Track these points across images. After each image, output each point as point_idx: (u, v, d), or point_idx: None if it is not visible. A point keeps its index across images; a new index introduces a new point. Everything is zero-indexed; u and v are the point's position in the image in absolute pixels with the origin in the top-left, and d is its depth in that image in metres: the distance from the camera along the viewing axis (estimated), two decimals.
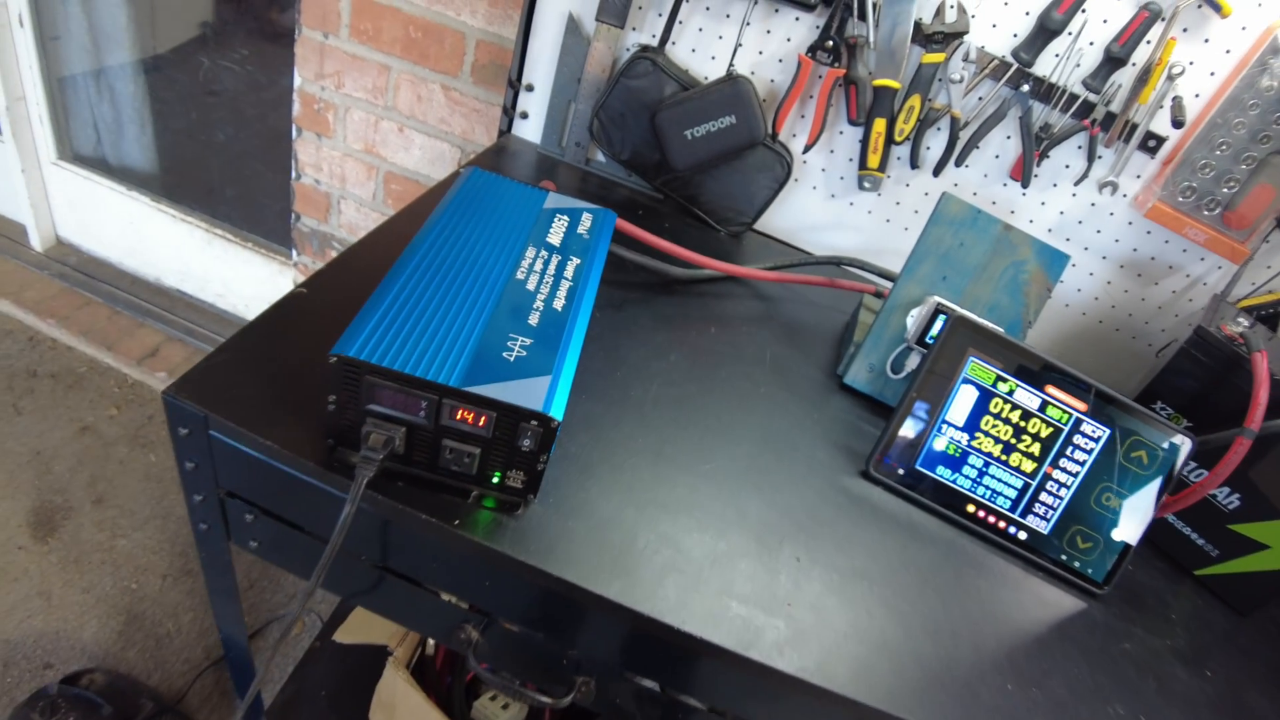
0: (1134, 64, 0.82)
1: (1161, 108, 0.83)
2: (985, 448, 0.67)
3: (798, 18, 0.90)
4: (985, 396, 0.66)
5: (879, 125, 0.91)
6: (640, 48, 0.95)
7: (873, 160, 0.94)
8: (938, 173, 0.94)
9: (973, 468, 0.67)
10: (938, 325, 0.74)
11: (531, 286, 0.57)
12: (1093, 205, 0.92)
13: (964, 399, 0.66)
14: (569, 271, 0.60)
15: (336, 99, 1.26)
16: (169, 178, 1.68)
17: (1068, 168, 0.90)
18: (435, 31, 1.13)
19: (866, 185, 0.96)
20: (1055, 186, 0.92)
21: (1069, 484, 0.66)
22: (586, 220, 0.67)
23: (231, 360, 0.56)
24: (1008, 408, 0.66)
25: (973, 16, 0.85)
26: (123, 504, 1.41)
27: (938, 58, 0.86)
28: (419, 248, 0.57)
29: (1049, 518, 0.67)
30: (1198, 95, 0.83)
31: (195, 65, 1.53)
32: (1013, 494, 0.67)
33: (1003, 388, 0.66)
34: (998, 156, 0.92)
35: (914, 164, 0.94)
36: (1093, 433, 0.65)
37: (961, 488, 0.67)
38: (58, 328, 1.65)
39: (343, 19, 1.17)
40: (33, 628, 1.20)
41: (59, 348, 1.65)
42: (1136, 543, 0.66)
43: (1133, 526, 0.66)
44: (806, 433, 0.71)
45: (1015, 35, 0.85)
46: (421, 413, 0.48)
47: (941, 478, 0.68)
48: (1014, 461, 0.66)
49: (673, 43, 0.95)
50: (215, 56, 1.49)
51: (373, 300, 0.51)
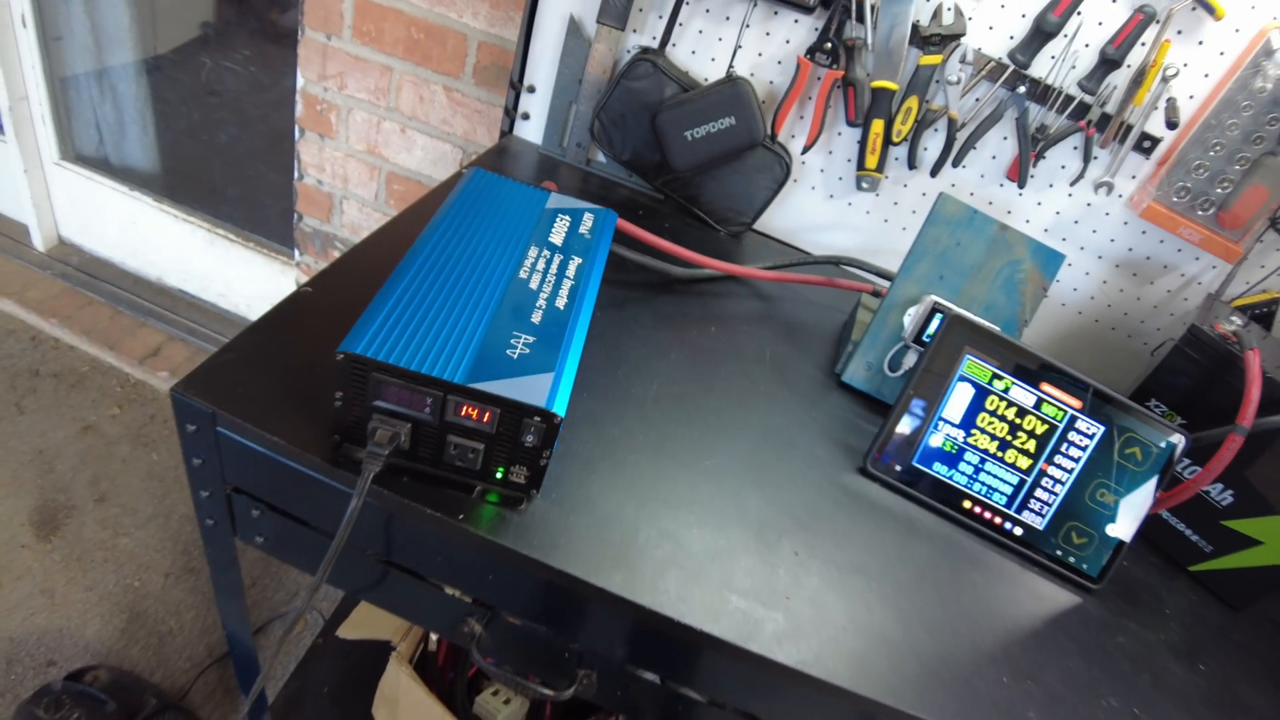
0: (1129, 66, 0.83)
1: (1156, 109, 0.84)
2: (981, 444, 0.67)
3: (796, 20, 0.91)
4: (981, 394, 0.67)
5: (877, 126, 0.92)
6: (641, 49, 0.96)
7: (871, 161, 0.94)
8: (935, 173, 0.94)
9: (969, 464, 0.68)
10: (934, 324, 0.74)
11: (534, 285, 0.57)
12: (1088, 205, 0.93)
13: (960, 396, 0.67)
14: (571, 271, 0.60)
15: (339, 100, 1.26)
16: (171, 178, 1.68)
17: (1063, 168, 0.91)
18: (437, 33, 1.14)
19: (864, 185, 0.97)
20: (1051, 187, 0.93)
21: (1064, 480, 0.67)
22: (588, 220, 0.68)
23: (238, 358, 0.57)
24: (1003, 405, 0.67)
25: (970, 19, 0.86)
26: (125, 503, 1.41)
27: (935, 59, 0.87)
28: (423, 247, 0.57)
29: (1044, 514, 0.67)
30: (1192, 97, 0.84)
31: (197, 66, 1.53)
32: (1008, 490, 0.68)
33: (998, 385, 0.67)
34: (994, 157, 0.93)
35: (911, 164, 0.95)
36: (1087, 430, 0.66)
37: (958, 484, 0.68)
38: (60, 327, 1.65)
39: (345, 20, 1.17)
40: (36, 625, 1.20)
41: (61, 347, 1.66)
42: (1131, 539, 0.66)
43: (1127, 523, 0.66)
44: (805, 430, 0.72)
45: (1012, 37, 0.86)
46: (427, 409, 0.48)
47: (938, 474, 0.68)
48: (1009, 458, 0.67)
49: (673, 45, 0.96)
50: (217, 57, 1.49)
51: (378, 298, 0.51)
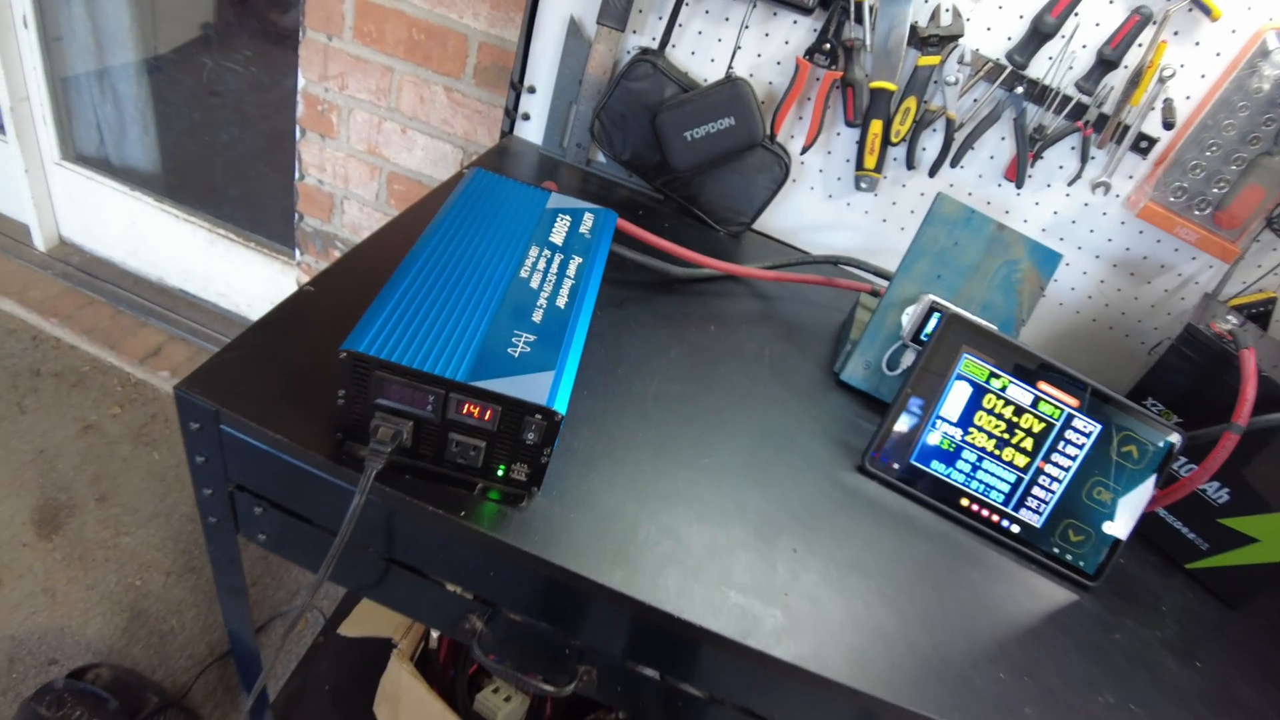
0: (1126, 66, 0.83)
1: (1153, 109, 0.85)
2: (979, 443, 0.68)
3: (795, 21, 0.92)
4: (979, 392, 0.67)
5: (875, 127, 0.92)
6: (641, 50, 0.97)
7: (869, 161, 0.95)
8: (933, 173, 0.95)
9: (966, 462, 0.68)
10: (932, 323, 0.75)
11: (535, 285, 0.58)
12: (1086, 205, 0.93)
13: (958, 395, 0.67)
14: (571, 270, 0.61)
15: (340, 100, 1.27)
16: (172, 178, 1.69)
17: (1061, 168, 0.92)
18: (438, 34, 1.14)
19: (863, 186, 0.98)
20: (1049, 187, 0.93)
21: (1061, 478, 0.67)
22: (588, 220, 0.69)
23: (241, 356, 0.57)
24: (1001, 404, 0.67)
25: (967, 20, 0.86)
26: (126, 502, 1.42)
27: (933, 60, 0.87)
28: (425, 247, 0.58)
29: (1041, 511, 0.68)
30: (1188, 97, 0.84)
31: (198, 66, 1.54)
32: (1006, 488, 0.68)
33: (996, 384, 0.67)
34: (992, 157, 0.94)
35: (910, 165, 0.95)
36: (1084, 428, 0.66)
37: (955, 482, 0.69)
38: (61, 327, 1.66)
39: (346, 21, 1.18)
40: (37, 624, 1.21)
41: (62, 347, 1.66)
42: (1127, 537, 0.67)
43: (1123, 521, 0.67)
44: (804, 428, 0.72)
45: (1009, 38, 0.86)
46: (429, 407, 0.49)
47: (936, 472, 0.69)
48: (1007, 456, 0.68)
49: (673, 45, 0.97)
50: (218, 57, 1.50)
51: (381, 297, 0.52)
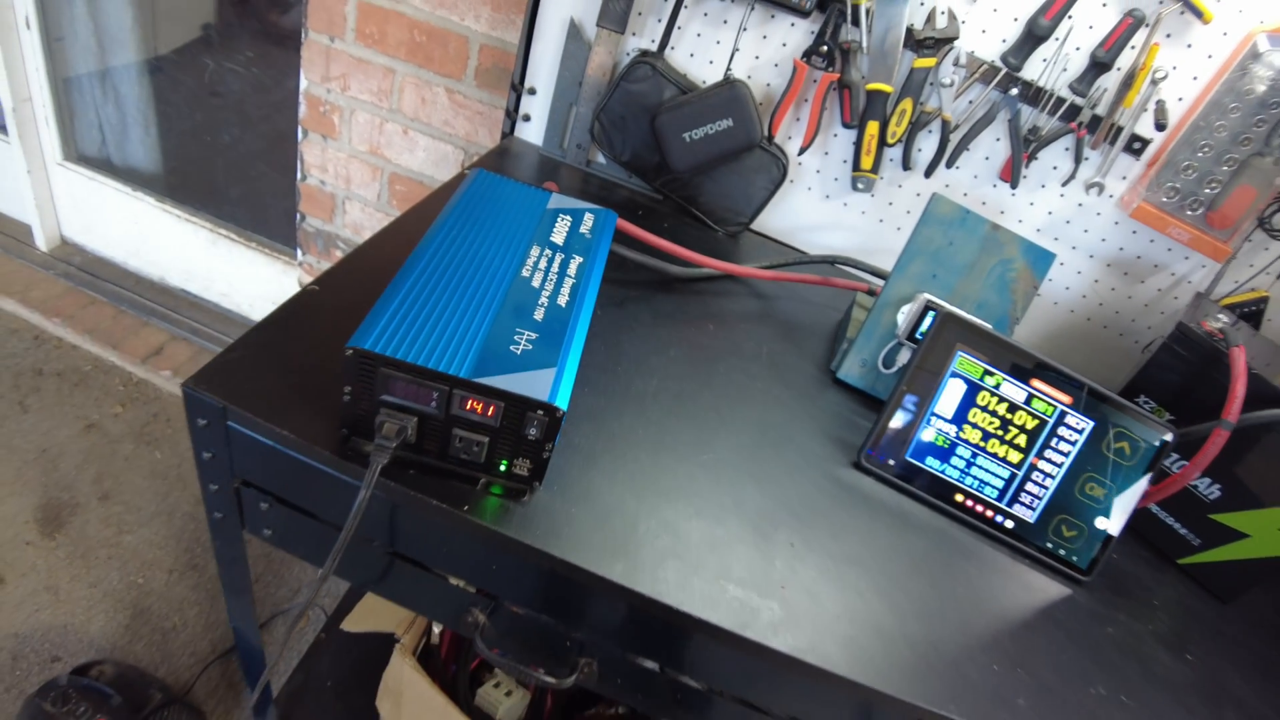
0: (1119, 69, 0.84)
1: (1145, 111, 0.86)
2: (973, 439, 0.69)
3: (793, 23, 0.93)
4: (973, 390, 0.68)
5: (872, 128, 0.93)
6: (640, 52, 0.98)
7: (866, 162, 0.96)
8: (929, 174, 0.96)
9: (961, 458, 0.69)
10: (927, 321, 0.76)
11: (536, 284, 0.59)
12: (1080, 205, 0.94)
13: (952, 392, 0.68)
14: (572, 269, 0.62)
15: (342, 101, 1.28)
16: (173, 178, 1.70)
17: (1055, 169, 0.93)
18: (439, 36, 1.15)
19: (860, 186, 0.99)
20: (1043, 187, 0.94)
21: (1054, 474, 0.68)
22: (588, 220, 0.70)
23: (248, 354, 0.58)
24: (994, 401, 0.68)
25: (963, 22, 0.87)
26: (128, 500, 1.42)
27: (929, 62, 0.88)
28: (428, 246, 0.59)
29: (1035, 507, 0.69)
30: (1180, 99, 0.85)
31: (200, 67, 1.55)
32: (1000, 484, 0.69)
33: (990, 381, 0.68)
34: (987, 158, 0.95)
35: (906, 165, 0.96)
36: (1077, 425, 0.67)
37: (950, 478, 0.70)
38: (63, 326, 1.66)
39: (348, 23, 1.18)
40: (40, 622, 1.21)
41: (64, 346, 1.67)
42: (1119, 532, 0.68)
43: (1116, 516, 0.68)
44: (801, 425, 0.73)
45: (1004, 41, 0.87)
46: (433, 403, 0.50)
47: (931, 468, 0.70)
48: (1001, 452, 0.69)
49: (672, 48, 0.98)
50: (219, 58, 1.51)
51: (385, 296, 0.53)
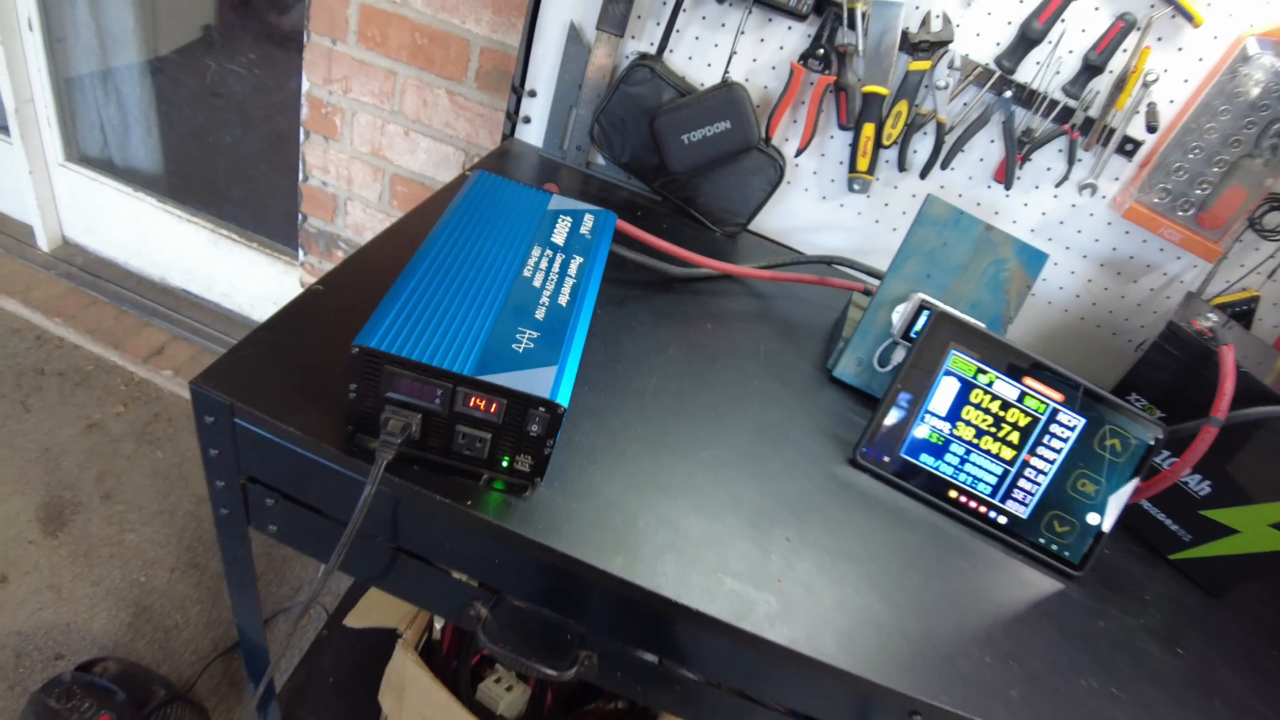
0: (1111, 71, 0.86)
1: (1137, 113, 0.87)
2: (966, 436, 0.70)
3: (790, 27, 0.94)
4: (966, 388, 0.69)
5: (868, 130, 0.95)
6: (639, 55, 0.99)
7: (862, 163, 0.97)
8: (924, 175, 0.97)
9: (955, 455, 0.70)
10: (922, 321, 0.77)
11: (537, 284, 0.60)
12: (1073, 206, 0.95)
13: (946, 390, 0.70)
14: (572, 270, 0.63)
15: (344, 103, 1.29)
16: (175, 179, 1.70)
17: (1049, 170, 0.94)
18: (441, 38, 1.16)
19: (856, 187, 1.00)
20: (1037, 188, 0.95)
21: (1046, 471, 0.69)
22: (588, 221, 0.71)
23: (254, 353, 0.59)
24: (988, 398, 0.69)
25: (957, 26, 0.88)
26: (130, 499, 1.43)
27: (924, 65, 0.90)
28: (432, 247, 0.60)
29: (1028, 503, 0.70)
30: (1172, 101, 0.87)
31: (201, 68, 1.55)
32: (993, 480, 0.70)
33: (983, 379, 0.69)
34: (982, 160, 0.96)
35: (901, 167, 0.98)
36: (1069, 422, 0.68)
37: (944, 474, 0.71)
38: (65, 326, 1.67)
39: (350, 26, 1.20)
40: (44, 620, 1.22)
41: (66, 346, 1.68)
42: (1110, 528, 0.69)
43: (1107, 512, 0.69)
44: (798, 423, 0.75)
45: (998, 44, 0.89)
46: (437, 400, 0.51)
47: (925, 465, 0.71)
48: (994, 449, 0.70)
49: (670, 51, 0.99)
50: (221, 59, 1.52)
51: (390, 295, 0.54)
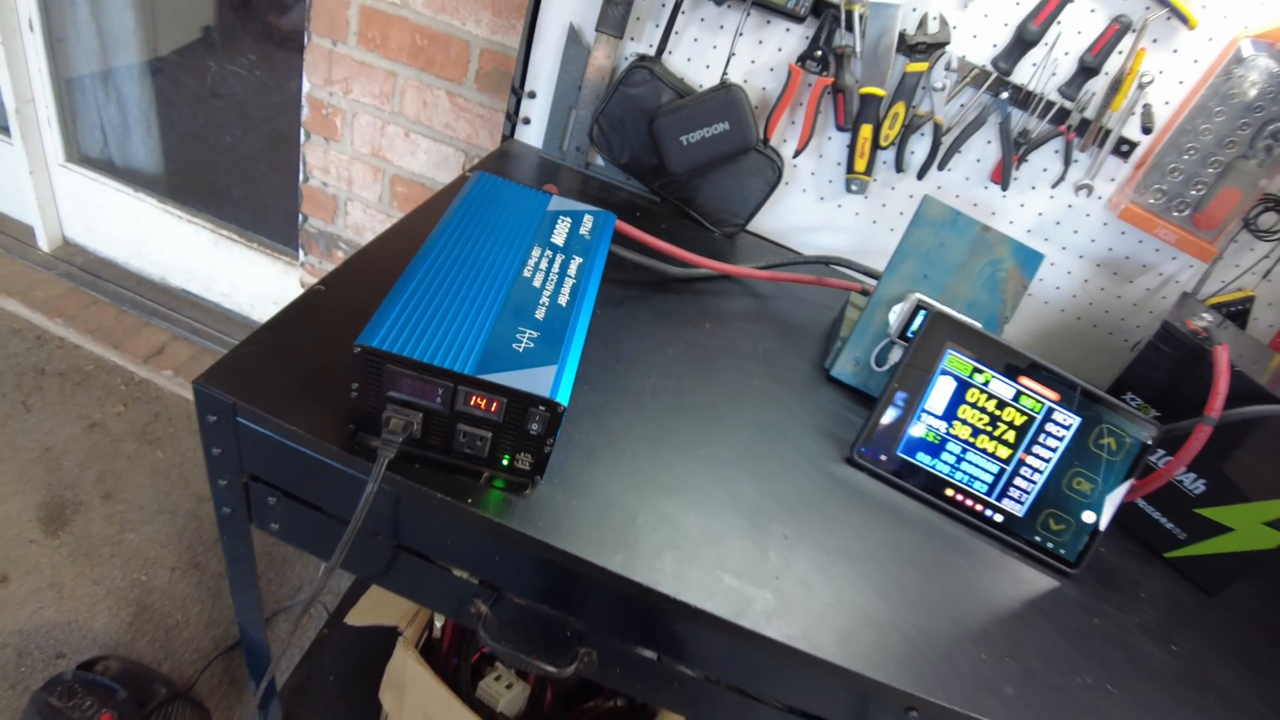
0: (1106, 73, 0.86)
1: (1133, 114, 0.88)
2: (963, 435, 0.71)
3: (788, 29, 0.94)
4: (962, 387, 0.70)
5: (865, 131, 0.95)
6: (638, 57, 0.99)
7: (859, 164, 0.98)
8: (921, 176, 0.98)
9: (951, 454, 0.71)
10: (918, 320, 0.77)
11: (537, 284, 0.60)
12: (1069, 207, 0.96)
13: (942, 389, 0.70)
14: (572, 270, 0.64)
15: (344, 104, 1.29)
16: (175, 179, 1.71)
17: (1045, 171, 0.94)
18: (441, 40, 1.17)
19: (853, 188, 1.00)
20: (1034, 189, 0.96)
21: (1042, 469, 0.70)
22: (588, 222, 0.71)
23: (257, 352, 0.60)
24: (984, 397, 0.70)
25: (954, 28, 0.89)
26: (131, 499, 1.44)
27: (921, 67, 0.90)
28: (433, 247, 0.60)
29: (1023, 501, 0.71)
30: (1167, 103, 0.87)
31: (201, 68, 1.56)
32: (989, 479, 0.71)
33: (979, 379, 0.70)
34: (979, 160, 0.96)
35: (899, 168, 0.98)
36: (1064, 421, 0.69)
37: (941, 473, 0.71)
38: (65, 326, 1.68)
39: (351, 27, 1.20)
40: (45, 619, 1.23)
41: (66, 346, 1.68)
42: (1105, 526, 0.70)
43: (1103, 510, 0.70)
44: (796, 422, 0.75)
45: (995, 46, 0.89)
46: (438, 399, 0.51)
47: (921, 463, 0.71)
48: (990, 448, 0.70)
49: (669, 52, 0.99)
50: (221, 60, 1.52)
51: (392, 295, 0.54)
